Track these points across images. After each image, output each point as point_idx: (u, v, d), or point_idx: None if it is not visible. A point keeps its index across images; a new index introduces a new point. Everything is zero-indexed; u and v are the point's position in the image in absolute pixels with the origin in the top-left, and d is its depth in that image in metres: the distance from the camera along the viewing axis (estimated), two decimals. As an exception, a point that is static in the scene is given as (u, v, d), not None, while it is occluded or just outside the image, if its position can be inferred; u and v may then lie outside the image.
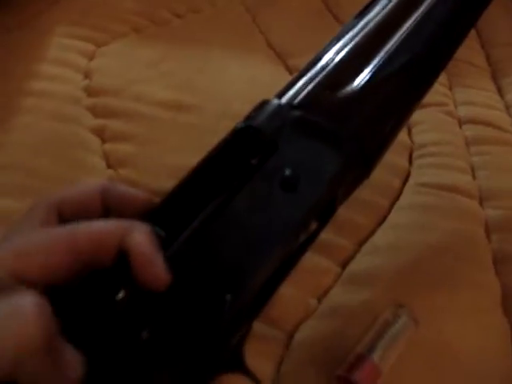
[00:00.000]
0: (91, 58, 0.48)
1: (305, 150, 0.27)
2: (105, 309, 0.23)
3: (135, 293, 0.22)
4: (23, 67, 0.45)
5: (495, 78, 0.56)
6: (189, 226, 0.24)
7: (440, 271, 0.37)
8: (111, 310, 0.23)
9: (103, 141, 0.41)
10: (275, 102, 0.29)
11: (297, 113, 0.28)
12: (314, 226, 0.28)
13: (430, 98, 0.50)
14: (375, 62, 0.31)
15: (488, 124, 0.49)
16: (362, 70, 0.30)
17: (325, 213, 0.28)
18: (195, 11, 0.55)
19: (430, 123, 0.48)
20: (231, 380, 0.24)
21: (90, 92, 0.44)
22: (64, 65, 0.46)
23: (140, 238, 0.22)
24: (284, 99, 0.29)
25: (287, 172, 0.26)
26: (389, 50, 0.31)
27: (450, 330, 0.34)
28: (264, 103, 0.29)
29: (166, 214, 0.25)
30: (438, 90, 0.52)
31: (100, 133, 0.41)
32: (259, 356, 0.29)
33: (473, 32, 0.61)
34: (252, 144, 0.28)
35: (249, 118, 0.28)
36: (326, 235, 0.37)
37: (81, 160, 0.39)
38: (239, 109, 0.28)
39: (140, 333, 0.22)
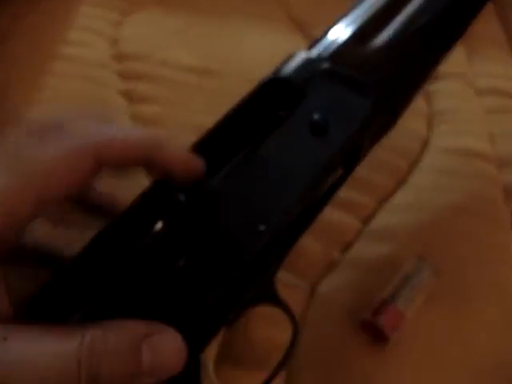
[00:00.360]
0: (118, 26, 0.49)
1: (334, 98, 0.28)
2: (143, 239, 0.24)
3: (173, 220, 0.24)
4: (53, 33, 0.46)
5: (514, 51, 0.56)
6: (224, 165, 0.26)
7: (459, 228, 0.37)
8: (149, 239, 0.24)
9: (131, 102, 0.42)
10: (304, 54, 0.30)
11: (326, 64, 0.29)
12: (339, 172, 0.29)
13: (449, 69, 0.51)
14: (400, 19, 0.32)
15: (506, 94, 0.50)
16: (387, 27, 0.31)
17: (350, 160, 0.29)
18: (217, -17, 0.56)
19: (449, 92, 0.49)
20: (263, 311, 0.25)
21: (117, 57, 0.46)
22: (92, 32, 0.47)
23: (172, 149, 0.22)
24: (312, 52, 0.30)
25: (316, 117, 0.27)
26: (413, 8, 0.32)
27: (470, 281, 0.35)
28: (293, 55, 0.30)
29: (201, 153, 0.26)
30: (458, 62, 0.52)
31: (127, 95, 0.42)
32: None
33: (491, 8, 0.62)
34: (280, 94, 0.29)
35: (278, 69, 0.29)
36: (348, 193, 0.38)
37: (110, 120, 0.40)
38: (260, 74, 0.29)
39: (176, 261, 0.23)
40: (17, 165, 0.20)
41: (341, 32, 0.31)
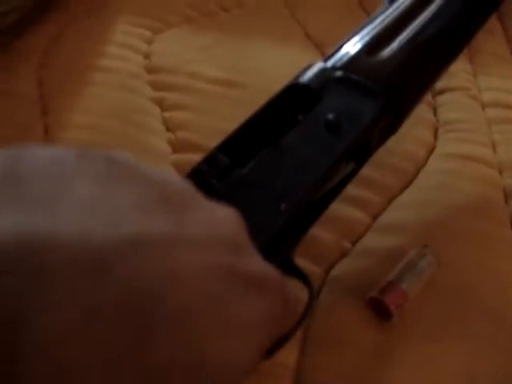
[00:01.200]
0: (150, 42, 0.54)
1: (346, 101, 0.32)
2: None
3: None
4: (92, 47, 0.51)
5: (517, 68, 0.60)
6: (250, 156, 0.30)
7: (461, 225, 0.41)
8: None
9: (162, 109, 0.47)
10: (320, 64, 0.34)
11: (339, 72, 0.33)
12: (351, 165, 0.33)
13: (454, 83, 0.55)
14: (407, 32, 0.36)
15: (509, 107, 0.53)
16: (394, 40, 0.36)
17: (361, 155, 0.33)
18: (239, 6, 0.61)
19: (454, 104, 0.52)
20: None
21: (149, 70, 0.50)
22: (127, 47, 0.52)
23: None
24: (329, 63, 0.35)
25: (330, 116, 0.31)
26: (419, 23, 0.37)
27: (469, 272, 0.38)
28: (311, 65, 0.34)
29: (229, 148, 0.31)
30: (463, 77, 0.56)
31: (159, 102, 0.47)
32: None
33: (499, 27, 0.66)
34: (300, 98, 0.33)
35: (298, 77, 0.34)
36: (361, 192, 0.42)
37: (144, 123, 0.45)
38: (279, 86, 0.34)
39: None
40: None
41: (353, 45, 0.36)
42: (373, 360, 0.32)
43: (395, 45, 0.36)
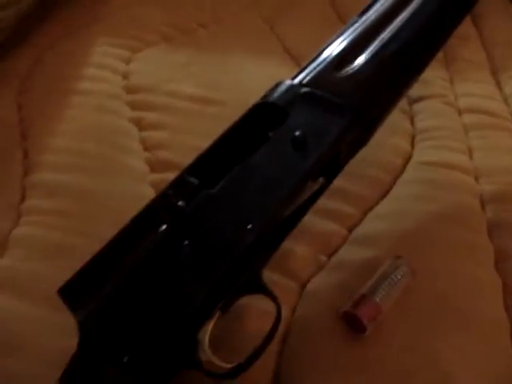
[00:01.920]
0: (128, 62, 0.55)
1: (312, 117, 0.33)
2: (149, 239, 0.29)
3: (174, 223, 0.28)
4: (72, 70, 0.52)
5: (494, 73, 0.60)
6: (219, 176, 0.30)
7: (437, 234, 0.41)
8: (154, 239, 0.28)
9: (140, 129, 0.47)
10: (288, 82, 0.35)
11: (305, 89, 0.34)
12: (321, 180, 0.33)
13: (431, 90, 0.56)
14: (371, 48, 0.37)
15: (486, 112, 0.54)
16: (360, 54, 0.36)
17: (330, 170, 0.33)
18: (217, 21, 0.62)
19: (431, 112, 0.53)
20: (252, 301, 0.29)
21: (128, 90, 0.51)
22: (105, 68, 0.53)
23: None
24: (295, 80, 0.35)
25: (297, 133, 0.32)
26: (383, 38, 0.37)
27: (445, 280, 0.38)
28: (278, 83, 0.35)
29: (198, 168, 0.31)
30: (439, 84, 0.57)
31: (138, 122, 0.48)
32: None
33: (475, 33, 0.66)
34: (267, 115, 0.34)
35: (266, 95, 0.34)
36: (336, 204, 0.42)
37: (121, 144, 0.45)
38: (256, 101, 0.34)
39: (178, 255, 0.28)
40: None
41: (320, 61, 0.36)
42: (348, 372, 0.33)
43: (362, 59, 0.36)
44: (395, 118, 0.52)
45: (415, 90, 0.56)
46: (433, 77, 0.58)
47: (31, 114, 0.48)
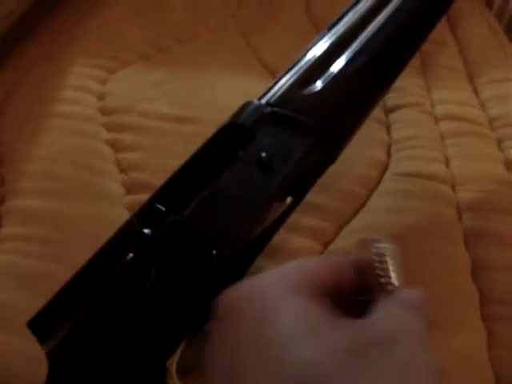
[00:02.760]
0: (104, 83, 0.55)
1: (278, 138, 0.33)
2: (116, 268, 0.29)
3: (141, 251, 0.29)
4: (49, 93, 0.52)
5: (471, 78, 0.61)
6: (186, 201, 0.30)
7: (413, 245, 0.41)
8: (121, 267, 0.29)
9: (116, 150, 0.47)
10: (255, 102, 0.35)
11: (271, 109, 0.34)
12: (289, 200, 0.33)
13: (407, 99, 0.56)
14: (337, 64, 0.37)
15: (463, 119, 0.54)
16: (326, 71, 0.36)
17: (298, 189, 0.34)
18: (195, 37, 0.62)
19: (407, 121, 0.53)
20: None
21: (103, 111, 0.51)
22: (82, 90, 0.53)
23: None
24: (263, 100, 0.35)
25: (263, 154, 0.32)
26: (349, 54, 0.37)
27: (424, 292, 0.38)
28: (246, 104, 0.35)
29: (165, 194, 0.31)
30: (416, 92, 0.57)
31: (113, 144, 0.48)
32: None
33: (451, 38, 0.67)
34: (235, 136, 0.34)
35: (234, 116, 0.35)
36: (310, 220, 0.42)
37: (97, 166, 0.45)
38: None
39: (144, 283, 0.28)
40: None
41: (286, 80, 0.36)
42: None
43: (327, 75, 0.36)
44: (371, 129, 0.52)
45: (391, 99, 0.56)
46: (409, 85, 0.58)
47: (8, 138, 0.48)
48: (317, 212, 0.43)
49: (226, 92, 0.54)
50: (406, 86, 0.57)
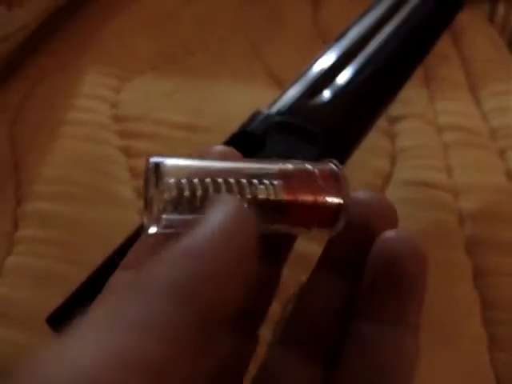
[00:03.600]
0: (117, 91, 0.56)
1: (286, 146, 0.34)
2: None
3: None
4: (62, 101, 0.54)
5: (473, 90, 0.62)
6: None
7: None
8: None
9: (128, 157, 0.49)
10: (264, 111, 0.37)
11: (280, 118, 0.35)
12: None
13: (411, 110, 0.58)
14: (344, 75, 0.38)
15: (465, 130, 0.55)
16: (333, 82, 0.38)
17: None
18: (204, 49, 0.64)
19: (410, 132, 0.55)
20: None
21: (116, 119, 0.53)
22: (95, 98, 0.55)
23: None
24: (272, 109, 0.37)
25: None
26: (355, 65, 0.39)
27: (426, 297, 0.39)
28: (255, 113, 0.37)
29: None
30: (420, 103, 0.59)
31: (125, 151, 0.49)
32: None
33: (454, 51, 0.68)
34: (245, 144, 0.35)
35: (243, 125, 0.36)
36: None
37: (110, 172, 0.47)
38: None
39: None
40: None
41: (295, 89, 0.38)
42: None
43: (334, 86, 0.38)
44: (375, 138, 0.53)
45: (396, 110, 0.57)
46: (413, 96, 0.59)
47: (23, 145, 0.50)
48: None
49: (234, 102, 0.55)
50: (411, 97, 0.59)
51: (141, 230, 0.31)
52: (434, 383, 0.36)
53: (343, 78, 0.38)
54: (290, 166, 0.22)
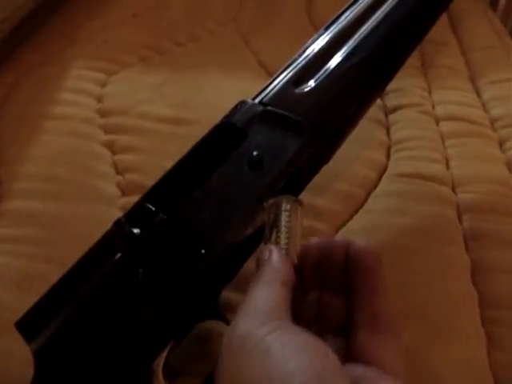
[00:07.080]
0: (103, 85, 0.55)
1: (270, 136, 0.32)
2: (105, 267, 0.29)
3: (129, 250, 0.28)
4: (46, 95, 0.52)
5: (473, 79, 0.60)
6: (175, 202, 0.30)
7: (412, 247, 0.40)
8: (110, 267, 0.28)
9: (113, 152, 0.47)
10: (249, 101, 0.35)
11: (264, 108, 0.34)
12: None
13: (407, 100, 0.55)
14: (332, 62, 0.36)
15: (464, 119, 0.53)
16: (319, 70, 0.36)
17: (290, 188, 0.33)
18: (194, 40, 0.62)
19: (406, 122, 0.52)
20: (212, 325, 0.29)
21: (101, 113, 0.51)
22: (80, 92, 0.53)
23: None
24: (257, 99, 0.35)
25: (254, 154, 0.31)
26: (343, 53, 0.37)
27: (420, 295, 0.37)
28: (240, 103, 0.35)
29: (156, 194, 0.31)
30: (416, 93, 0.56)
31: (110, 146, 0.48)
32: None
33: (453, 38, 0.66)
34: (227, 136, 0.33)
35: (227, 115, 0.34)
36: (309, 223, 0.42)
37: (94, 168, 0.45)
38: None
39: (132, 282, 0.27)
40: None
41: (281, 79, 0.36)
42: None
43: (321, 74, 0.36)
44: (371, 130, 0.51)
45: (392, 100, 0.55)
46: (410, 85, 0.57)
47: (5, 140, 0.48)
48: (314, 213, 0.42)
49: (224, 94, 0.54)
50: (407, 87, 0.57)
51: (117, 225, 0.30)
52: (433, 382, 0.34)
53: (330, 65, 0.36)
54: None
